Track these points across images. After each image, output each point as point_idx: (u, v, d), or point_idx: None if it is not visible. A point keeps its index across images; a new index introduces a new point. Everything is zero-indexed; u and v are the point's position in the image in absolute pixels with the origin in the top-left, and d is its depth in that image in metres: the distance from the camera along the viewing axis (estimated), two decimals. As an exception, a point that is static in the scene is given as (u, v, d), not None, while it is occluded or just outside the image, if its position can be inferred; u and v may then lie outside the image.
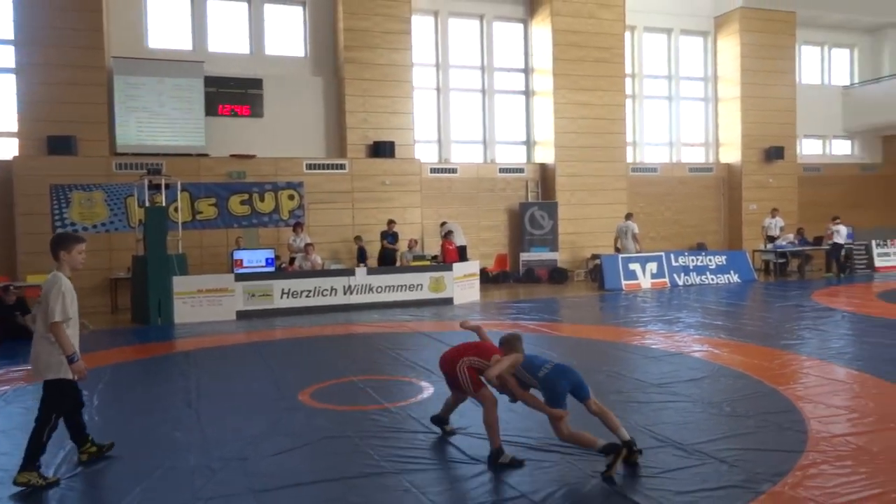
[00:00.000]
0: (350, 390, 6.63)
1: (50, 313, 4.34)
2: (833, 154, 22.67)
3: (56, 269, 4.55)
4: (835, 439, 4.77)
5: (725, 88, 20.51)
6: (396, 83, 16.51)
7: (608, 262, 15.60)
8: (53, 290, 4.39)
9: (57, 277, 4.46)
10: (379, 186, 16.16)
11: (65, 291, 4.42)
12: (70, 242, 4.59)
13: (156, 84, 14.90)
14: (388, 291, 13.02)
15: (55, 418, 4.46)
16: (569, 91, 17.93)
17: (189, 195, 14.52)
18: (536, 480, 4.25)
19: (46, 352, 4.43)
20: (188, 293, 11.78)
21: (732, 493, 3.92)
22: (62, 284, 4.43)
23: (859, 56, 22.76)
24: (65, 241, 4.60)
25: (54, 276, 4.48)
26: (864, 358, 7.43)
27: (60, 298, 4.38)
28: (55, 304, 4.35)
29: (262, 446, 4.98)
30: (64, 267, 4.55)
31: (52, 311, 4.34)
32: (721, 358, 7.63)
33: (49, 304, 4.36)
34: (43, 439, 4.38)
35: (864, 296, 13.10)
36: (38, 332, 4.49)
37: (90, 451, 4.80)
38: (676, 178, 20.03)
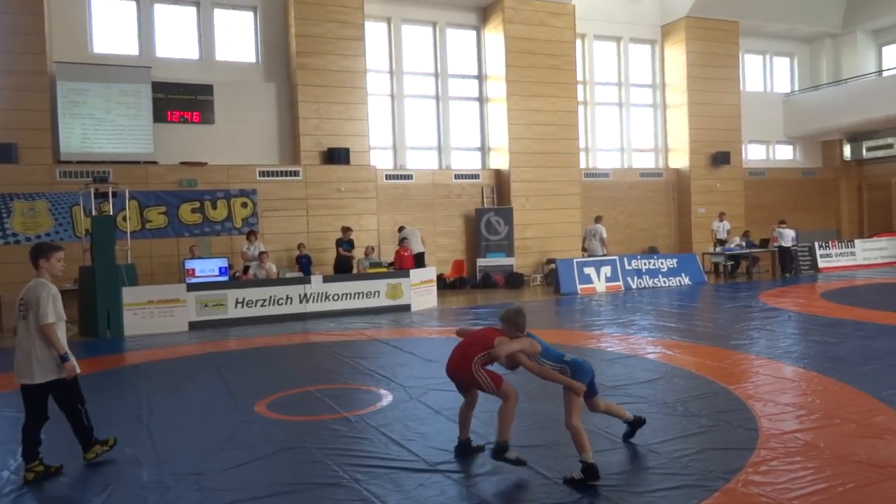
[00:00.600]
0: (308, 400, 6.54)
1: (42, 316, 4.60)
2: (776, 159, 23.45)
3: (36, 276, 4.79)
4: (784, 436, 4.91)
5: (673, 95, 21.02)
6: (350, 89, 16.43)
7: (563, 266, 15.79)
8: (44, 294, 4.65)
9: (43, 283, 4.73)
10: (334, 193, 16.04)
11: (55, 295, 4.69)
12: (49, 251, 4.85)
13: (101, 90, 14.51)
14: (345, 299, 12.91)
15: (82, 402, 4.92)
16: (522, 97, 18.12)
17: (138, 203, 14.16)
18: (496, 486, 4.26)
19: (48, 354, 4.67)
20: (138, 304, 11.47)
21: (687, 492, 4.00)
22: (51, 289, 4.70)
23: (799, 64, 23.62)
24: (44, 250, 4.86)
25: (41, 283, 4.73)
26: (809, 356, 7.68)
27: (51, 301, 4.65)
28: (47, 307, 4.62)
29: (217, 460, 4.87)
30: (44, 274, 4.81)
31: (45, 314, 4.60)
32: (674, 359, 7.79)
33: (41, 308, 4.61)
34: (87, 421, 4.92)
35: (809, 296, 13.56)
36: (28, 338, 4.66)
37: (37, 469, 4.69)
38: (628, 183, 20.41)
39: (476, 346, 4.67)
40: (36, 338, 4.64)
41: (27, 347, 4.66)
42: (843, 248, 19.21)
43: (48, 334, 4.61)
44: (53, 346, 4.64)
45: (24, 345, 4.68)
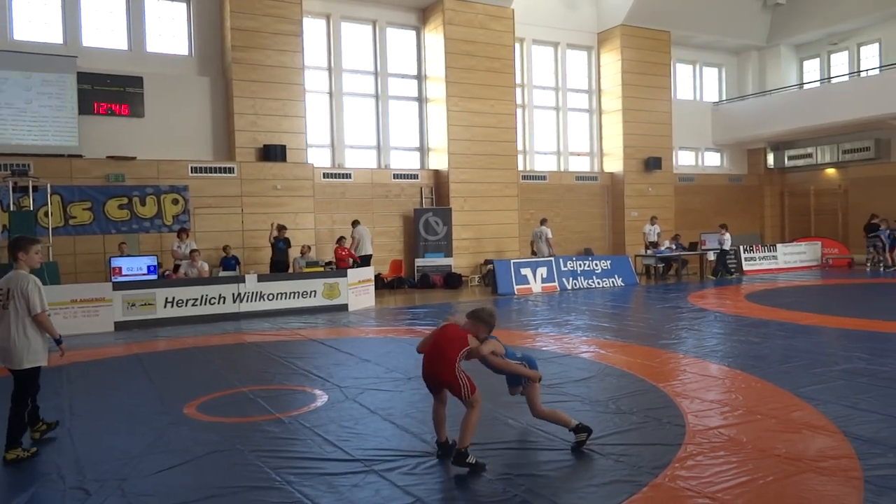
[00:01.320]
0: (240, 402, 6.39)
1: (33, 306, 4.93)
2: (705, 165, 24.33)
3: (15, 268, 4.99)
4: (709, 432, 5.08)
5: (608, 101, 21.54)
6: (287, 85, 16.16)
7: (501, 267, 15.94)
8: (30, 285, 4.92)
9: (25, 275, 4.97)
10: (270, 191, 15.75)
11: (40, 286, 5.00)
12: (27, 244, 5.06)
13: (22, 79, 13.82)
14: (281, 299, 12.68)
15: (31, 401, 5.12)
16: (461, 99, 18.22)
17: (61, 199, 13.54)
18: (431, 485, 4.26)
19: (33, 341, 4.97)
20: (60, 304, 10.95)
21: (618, 487, 4.09)
22: (35, 280, 4.99)
23: (727, 75, 24.58)
24: (22, 243, 5.06)
25: (22, 275, 4.97)
26: (734, 355, 7.99)
27: (38, 291, 4.96)
28: (35, 297, 4.94)
29: (143, 464, 4.69)
30: (23, 266, 5.02)
31: (35, 304, 4.93)
32: (607, 358, 7.96)
33: (31, 298, 4.92)
34: (24, 420, 5.01)
35: (734, 297, 14.10)
36: (14, 325, 4.90)
37: (41, 429, 5.29)
38: (564, 186, 20.79)
39: (453, 348, 4.58)
40: (19, 326, 4.93)
41: (3, 335, 4.92)
42: (766, 251, 20.08)
43: (43, 322, 4.98)
44: (49, 332, 5.04)
45: (13, 332, 4.92)
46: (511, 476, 4.30)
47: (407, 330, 10.64)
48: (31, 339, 4.98)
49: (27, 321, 4.95)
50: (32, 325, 4.97)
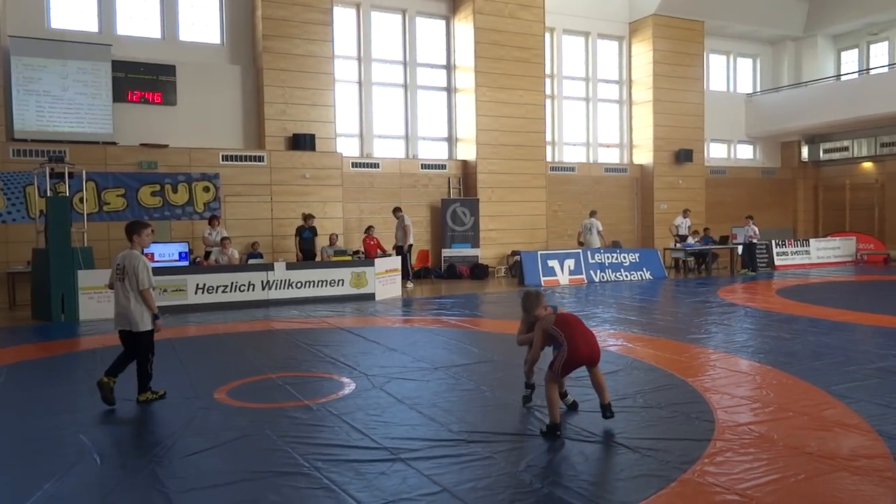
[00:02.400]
0: (269, 388, 6.47)
1: (141, 282, 5.78)
2: (737, 158, 23.93)
3: (130, 248, 5.90)
4: (739, 428, 5.02)
5: (639, 92, 21.27)
6: (317, 75, 16.23)
7: (528, 258, 15.90)
8: (140, 265, 5.79)
9: (137, 255, 5.85)
10: (299, 180, 15.86)
11: (148, 266, 5.83)
12: (139, 228, 5.96)
13: (58, 67, 14.07)
14: (309, 287, 12.80)
15: (152, 355, 5.99)
16: (490, 89, 18.13)
17: (95, 185, 13.77)
18: (457, 474, 4.27)
19: (139, 311, 5.82)
20: (94, 288, 11.19)
21: (645, 482, 4.07)
22: (145, 260, 5.86)
23: (761, 66, 24.11)
24: (135, 227, 5.96)
25: (135, 255, 5.85)
26: (765, 351, 7.87)
27: (146, 271, 5.79)
28: (143, 275, 5.78)
29: (176, 447, 4.78)
30: (136, 247, 5.93)
31: (143, 281, 5.78)
32: (634, 352, 7.91)
33: (140, 276, 5.78)
34: (149, 370, 5.98)
35: (766, 292, 13.89)
36: (128, 296, 5.81)
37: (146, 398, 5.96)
38: (593, 178, 20.62)
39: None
40: (132, 297, 5.80)
41: (124, 303, 5.83)
42: (798, 246, 19.73)
43: (147, 297, 5.81)
44: (149, 307, 5.83)
45: (122, 301, 5.84)
46: (537, 468, 4.30)
47: (434, 320, 10.67)
48: (143, 308, 5.84)
49: (136, 294, 5.80)
50: (137, 298, 5.79)
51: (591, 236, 17.47)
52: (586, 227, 17.64)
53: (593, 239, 17.41)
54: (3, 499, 3.97)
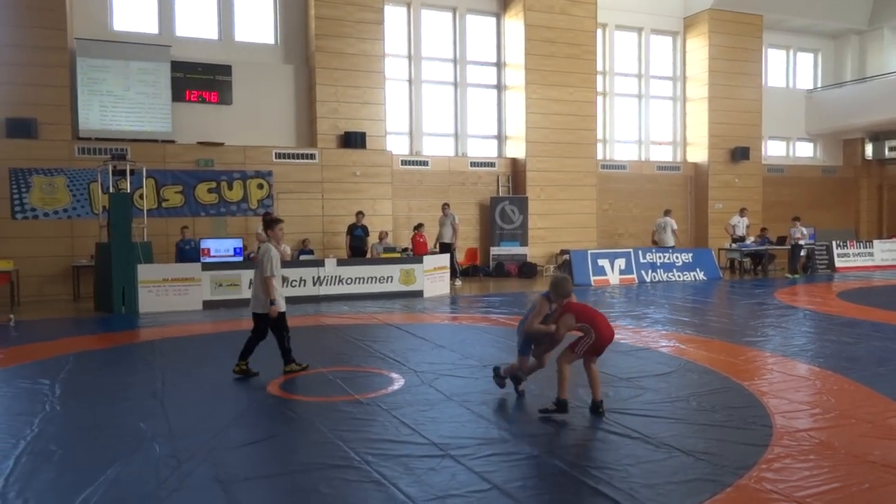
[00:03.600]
0: (319, 382, 6.57)
1: (264, 270, 6.58)
2: (796, 156, 23.17)
3: (266, 241, 6.84)
4: (798, 434, 4.87)
5: (693, 88, 20.80)
6: (368, 73, 16.38)
7: (577, 257, 15.73)
8: (267, 255, 6.60)
9: (268, 247, 6.69)
10: (349, 177, 16.04)
11: (273, 256, 6.62)
12: (274, 224, 6.88)
13: (121, 67, 14.55)
14: (358, 283, 12.94)
15: (287, 332, 6.82)
16: (540, 86, 17.99)
17: (155, 182, 14.23)
18: (507, 472, 4.26)
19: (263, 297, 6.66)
20: (153, 282, 11.55)
21: (699, 486, 3.98)
22: (272, 252, 6.65)
23: (823, 61, 23.28)
24: (271, 223, 6.90)
25: (268, 247, 6.71)
26: (825, 355, 7.61)
27: (271, 261, 6.58)
28: (267, 265, 6.57)
29: (230, 437, 4.90)
30: (271, 240, 6.79)
31: (266, 269, 6.57)
32: (688, 353, 7.74)
33: (265, 265, 6.58)
34: (287, 345, 6.83)
35: (826, 295, 13.43)
36: (257, 283, 6.75)
37: (241, 367, 6.73)
38: (645, 176, 20.26)
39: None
40: (259, 283, 6.65)
41: (256, 289, 6.74)
42: (860, 248, 19.00)
43: (268, 284, 6.60)
44: (268, 293, 6.59)
45: (256, 286, 6.75)
46: (588, 467, 4.26)
47: (482, 318, 10.66)
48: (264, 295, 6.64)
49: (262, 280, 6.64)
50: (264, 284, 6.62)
51: (664, 235, 17.22)
52: (660, 226, 17.37)
53: (667, 238, 17.14)
54: (70, 481, 4.13)
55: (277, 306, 6.66)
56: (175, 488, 4.00)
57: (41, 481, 4.17)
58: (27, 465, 4.43)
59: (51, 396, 6.07)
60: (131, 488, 4.01)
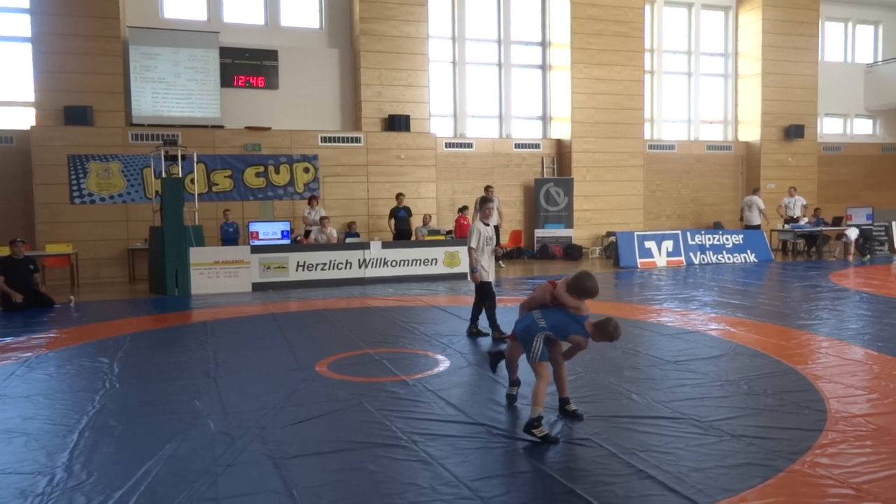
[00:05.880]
0: (366, 362, 6.66)
1: (468, 241, 7.55)
2: (854, 133, 22.31)
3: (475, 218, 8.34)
4: (854, 419, 4.74)
5: (746, 65, 20.17)
6: (411, 56, 16.35)
7: (623, 239, 15.51)
8: (473, 229, 7.55)
9: (475, 223, 7.64)
10: (394, 160, 16.11)
11: (478, 230, 7.52)
12: (482, 203, 7.85)
13: (171, 54, 14.86)
14: (403, 265, 13.03)
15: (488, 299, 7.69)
16: (586, 66, 17.70)
17: (205, 167, 14.55)
18: (553, 454, 4.26)
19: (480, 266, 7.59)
20: (205, 264, 11.85)
21: (750, 470, 3.91)
22: (477, 227, 7.57)
23: (884, 33, 22.27)
24: (481, 202, 7.90)
25: (476, 222, 7.67)
26: (883, 339, 7.37)
27: (473, 234, 7.52)
28: (471, 238, 7.52)
29: (280, 415, 5.02)
30: (477, 217, 7.99)
31: (469, 241, 7.54)
32: (738, 336, 7.59)
33: (469, 238, 7.56)
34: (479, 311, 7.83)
35: (884, 277, 12.96)
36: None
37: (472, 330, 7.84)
38: (694, 156, 19.81)
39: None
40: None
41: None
42: (923, 228, 18.23)
43: (469, 255, 7.54)
44: (470, 262, 7.56)
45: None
46: (636, 451, 4.23)
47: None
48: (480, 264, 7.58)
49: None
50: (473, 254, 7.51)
51: (750, 213, 17.38)
52: (746, 204, 17.55)
53: (753, 216, 17.32)
54: (129, 456, 4.30)
55: (477, 274, 7.56)
56: (229, 464, 4.12)
57: (103, 455, 4.34)
58: (90, 439, 4.62)
59: (110, 374, 6.30)
60: (188, 463, 4.15)
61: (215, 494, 3.69)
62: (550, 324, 4.67)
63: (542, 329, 4.66)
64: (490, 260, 7.74)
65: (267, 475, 3.95)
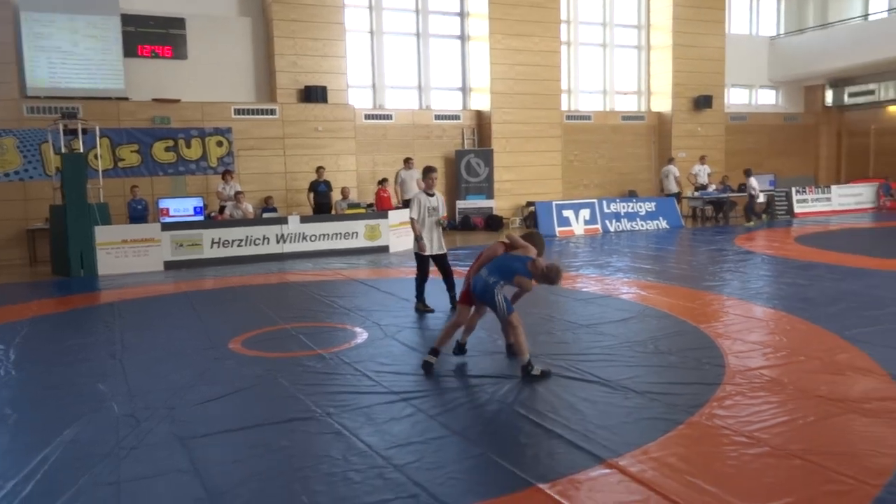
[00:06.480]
0: (282, 338, 6.55)
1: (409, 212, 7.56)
2: (759, 104, 23.35)
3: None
4: (749, 372, 5.01)
5: (658, 37, 20.69)
6: (327, 25, 15.94)
7: (542, 209, 15.78)
8: (412, 199, 7.55)
9: (417, 193, 7.58)
10: (311, 132, 15.76)
11: (416, 201, 7.47)
12: (426, 174, 7.59)
13: (67, 21, 13.94)
14: (323, 240, 12.84)
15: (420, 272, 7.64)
16: (504, 36, 17.74)
17: (109, 141, 13.76)
18: (467, 419, 4.33)
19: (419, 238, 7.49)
20: (112, 243, 11.33)
21: (653, 424, 4.09)
22: (417, 198, 7.48)
23: (786, 7, 23.28)
24: (424, 172, 7.63)
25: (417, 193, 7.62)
26: (780, 297, 7.81)
27: (411, 204, 7.50)
28: (410, 208, 7.52)
29: (190, 395, 4.88)
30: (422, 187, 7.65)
31: (410, 210, 7.55)
32: (648, 299, 7.88)
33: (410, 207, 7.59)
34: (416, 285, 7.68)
35: (783, 240, 13.72)
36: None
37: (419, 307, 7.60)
38: (610, 126, 20.27)
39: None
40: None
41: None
42: (819, 193, 19.36)
43: (412, 225, 7.46)
44: (414, 233, 7.45)
45: None
46: (546, 412, 4.34)
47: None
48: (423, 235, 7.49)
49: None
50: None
51: (668, 182, 18.08)
52: (664, 174, 18.33)
53: (671, 185, 18.00)
54: (26, 443, 4.09)
55: (421, 243, 7.48)
56: (134, 446, 3.98)
57: (-4, 444, 4.12)
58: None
59: (5, 361, 5.96)
60: (90, 448, 3.99)
61: (116, 478, 3.56)
62: (497, 273, 5.15)
63: (496, 283, 5.11)
64: (434, 231, 7.60)
65: (173, 456, 3.84)
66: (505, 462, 3.62)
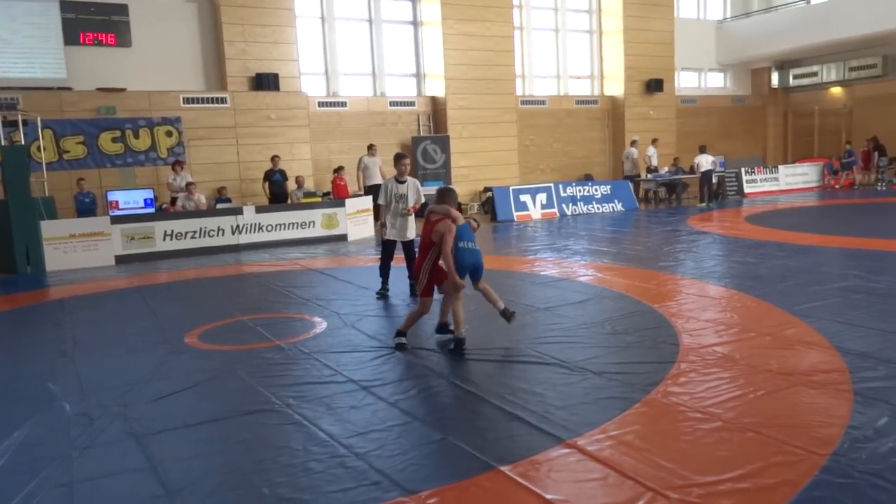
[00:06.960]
0: (239, 330, 6.46)
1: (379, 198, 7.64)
2: (708, 87, 23.80)
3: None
4: (703, 350, 5.14)
5: (609, 21, 20.88)
6: (276, 10, 15.62)
7: (500, 194, 15.86)
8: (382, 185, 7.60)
9: (387, 178, 7.62)
10: (264, 121, 15.48)
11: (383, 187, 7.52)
12: (397, 161, 7.56)
13: (5, 8, 13.37)
14: (279, 230, 12.67)
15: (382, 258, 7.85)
16: (457, 21, 17.66)
17: (53, 133, 13.29)
18: (427, 405, 4.34)
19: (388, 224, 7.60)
20: (59, 238, 10.98)
21: (611, 403, 4.16)
22: (385, 184, 7.54)
23: (732, -9, 23.72)
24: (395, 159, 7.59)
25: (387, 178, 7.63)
26: (731, 276, 8.01)
27: (381, 190, 7.55)
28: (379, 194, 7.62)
29: (145, 391, 4.78)
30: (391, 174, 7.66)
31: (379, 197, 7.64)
32: (604, 281, 8.00)
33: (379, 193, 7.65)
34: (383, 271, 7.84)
35: (734, 220, 14.06)
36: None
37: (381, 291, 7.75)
38: (564, 111, 20.42)
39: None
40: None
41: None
42: (767, 173, 19.89)
43: (381, 211, 7.62)
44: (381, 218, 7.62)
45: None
46: (505, 395, 4.37)
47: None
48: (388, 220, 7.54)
49: None
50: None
51: (628, 164, 18.61)
52: (625, 156, 18.86)
53: (630, 167, 18.57)
54: (-30, 448, 3.95)
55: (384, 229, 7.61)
56: (86, 446, 3.88)
57: (-60, 449, 3.96)
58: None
59: (-51, 363, 5.74)
60: (40, 450, 3.87)
61: (69, 479, 3.47)
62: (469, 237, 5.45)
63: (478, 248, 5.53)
64: (400, 218, 7.55)
65: (128, 454, 3.76)
66: (466, 446, 3.64)
